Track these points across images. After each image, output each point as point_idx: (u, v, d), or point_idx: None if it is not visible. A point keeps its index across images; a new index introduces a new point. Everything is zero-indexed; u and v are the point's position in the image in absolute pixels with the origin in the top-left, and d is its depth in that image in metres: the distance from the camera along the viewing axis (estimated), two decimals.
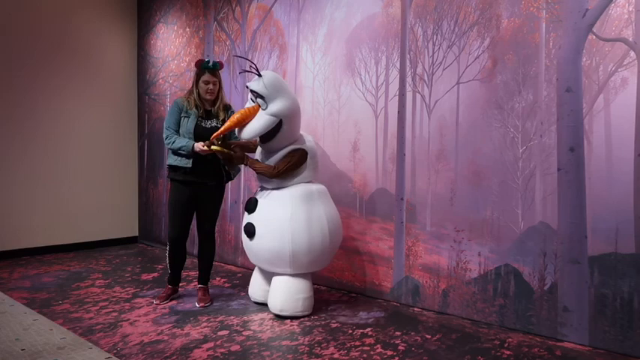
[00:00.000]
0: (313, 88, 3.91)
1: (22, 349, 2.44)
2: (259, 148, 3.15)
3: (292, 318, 3.00)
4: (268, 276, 3.18)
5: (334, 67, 3.77)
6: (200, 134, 3.12)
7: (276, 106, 2.86)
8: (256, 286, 3.27)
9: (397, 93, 3.39)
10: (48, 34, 4.91)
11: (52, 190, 4.98)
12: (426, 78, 3.24)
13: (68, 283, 3.80)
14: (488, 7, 2.96)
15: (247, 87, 2.94)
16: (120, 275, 4.10)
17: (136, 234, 5.73)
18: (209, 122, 3.19)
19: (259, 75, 2.89)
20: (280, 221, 2.91)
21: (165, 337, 2.68)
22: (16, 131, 4.72)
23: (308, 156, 3.05)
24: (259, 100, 2.90)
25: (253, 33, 4.40)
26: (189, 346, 2.56)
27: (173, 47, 5.23)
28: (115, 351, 2.48)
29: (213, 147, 2.97)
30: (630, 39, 2.46)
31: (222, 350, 2.50)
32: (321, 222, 2.95)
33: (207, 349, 2.51)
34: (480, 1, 2.99)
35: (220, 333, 2.76)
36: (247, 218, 3.08)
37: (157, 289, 3.64)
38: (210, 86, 3.14)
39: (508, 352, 2.51)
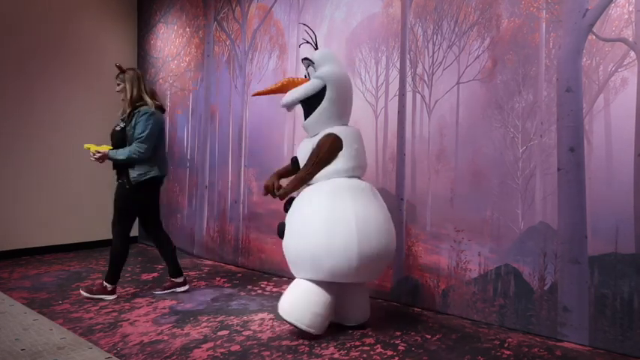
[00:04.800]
0: None
1: (22, 349, 2.44)
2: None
3: (294, 327, 2.62)
4: (335, 291, 2.69)
5: None
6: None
7: (322, 70, 2.76)
8: None
9: (397, 93, 3.39)
10: (48, 34, 4.92)
11: (52, 190, 4.98)
12: (426, 78, 3.24)
13: (68, 283, 3.80)
14: (488, 7, 2.96)
15: (303, 59, 2.93)
16: (120, 275, 4.09)
17: (136, 234, 5.72)
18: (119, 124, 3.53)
19: (316, 48, 2.97)
20: (301, 219, 2.60)
21: (165, 337, 2.68)
22: (16, 131, 4.72)
23: (343, 143, 2.68)
24: (310, 69, 2.85)
25: (253, 33, 4.40)
26: (189, 346, 2.56)
27: (173, 47, 5.23)
28: (115, 351, 2.47)
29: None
30: (630, 39, 2.46)
31: (222, 350, 2.50)
32: (347, 221, 2.49)
33: (207, 349, 2.51)
34: (480, 1, 2.99)
35: (220, 333, 2.76)
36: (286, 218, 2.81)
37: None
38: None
39: (508, 352, 2.51)
